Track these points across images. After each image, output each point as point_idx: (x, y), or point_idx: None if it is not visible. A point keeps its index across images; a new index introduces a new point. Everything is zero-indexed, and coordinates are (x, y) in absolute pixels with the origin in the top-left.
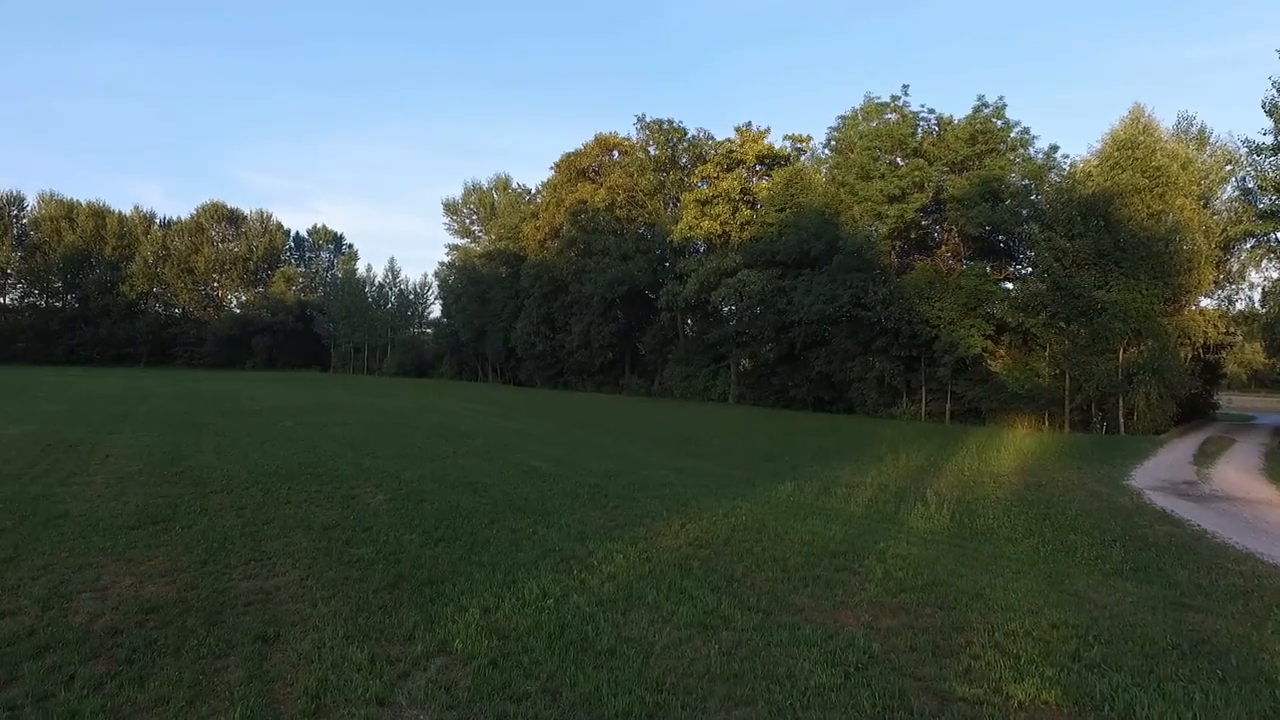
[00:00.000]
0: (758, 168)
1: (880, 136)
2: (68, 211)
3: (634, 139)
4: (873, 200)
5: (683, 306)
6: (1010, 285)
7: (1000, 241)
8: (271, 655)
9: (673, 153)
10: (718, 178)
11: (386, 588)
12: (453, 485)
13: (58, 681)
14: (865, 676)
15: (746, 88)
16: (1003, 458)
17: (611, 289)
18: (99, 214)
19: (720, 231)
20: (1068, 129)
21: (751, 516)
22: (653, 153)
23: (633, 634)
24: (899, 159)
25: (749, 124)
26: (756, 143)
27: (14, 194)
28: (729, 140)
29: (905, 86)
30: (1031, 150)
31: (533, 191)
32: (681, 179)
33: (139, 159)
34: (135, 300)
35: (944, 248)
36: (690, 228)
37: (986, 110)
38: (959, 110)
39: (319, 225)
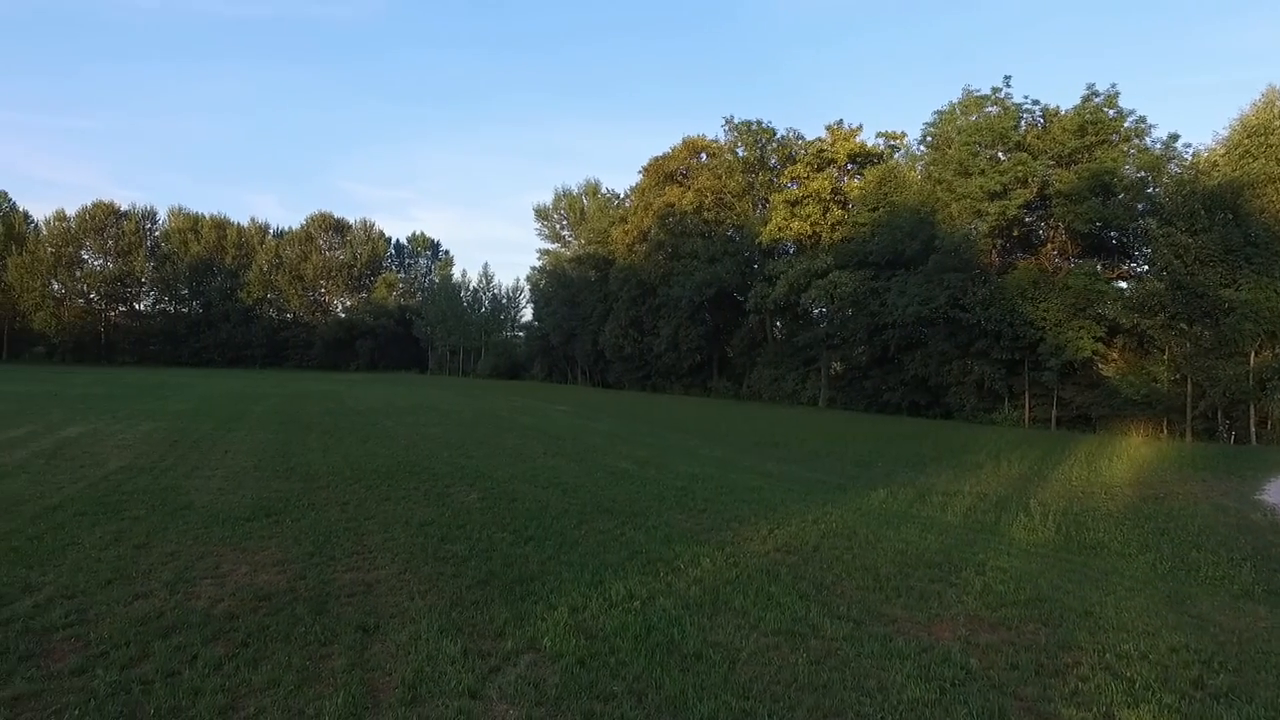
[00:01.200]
0: (849, 166)
1: (980, 130)
2: (193, 224)
3: (722, 141)
4: (972, 197)
5: (772, 309)
6: (1124, 285)
7: (1112, 238)
8: (371, 645)
9: (761, 153)
10: (808, 178)
11: (479, 584)
12: (543, 485)
13: (183, 660)
14: (962, 693)
15: (837, 85)
16: (1115, 467)
17: (699, 292)
18: (220, 226)
19: (810, 232)
20: (1188, 117)
21: (842, 523)
22: (741, 154)
23: (719, 639)
24: (1000, 153)
25: (840, 122)
26: (848, 141)
27: (148, 209)
28: (819, 139)
29: (1007, 78)
30: (1148, 140)
31: (621, 196)
32: (770, 180)
33: (256, 173)
34: (251, 306)
35: (1049, 246)
36: (779, 229)
37: (1097, 99)
38: (1066, 100)
39: (418, 233)
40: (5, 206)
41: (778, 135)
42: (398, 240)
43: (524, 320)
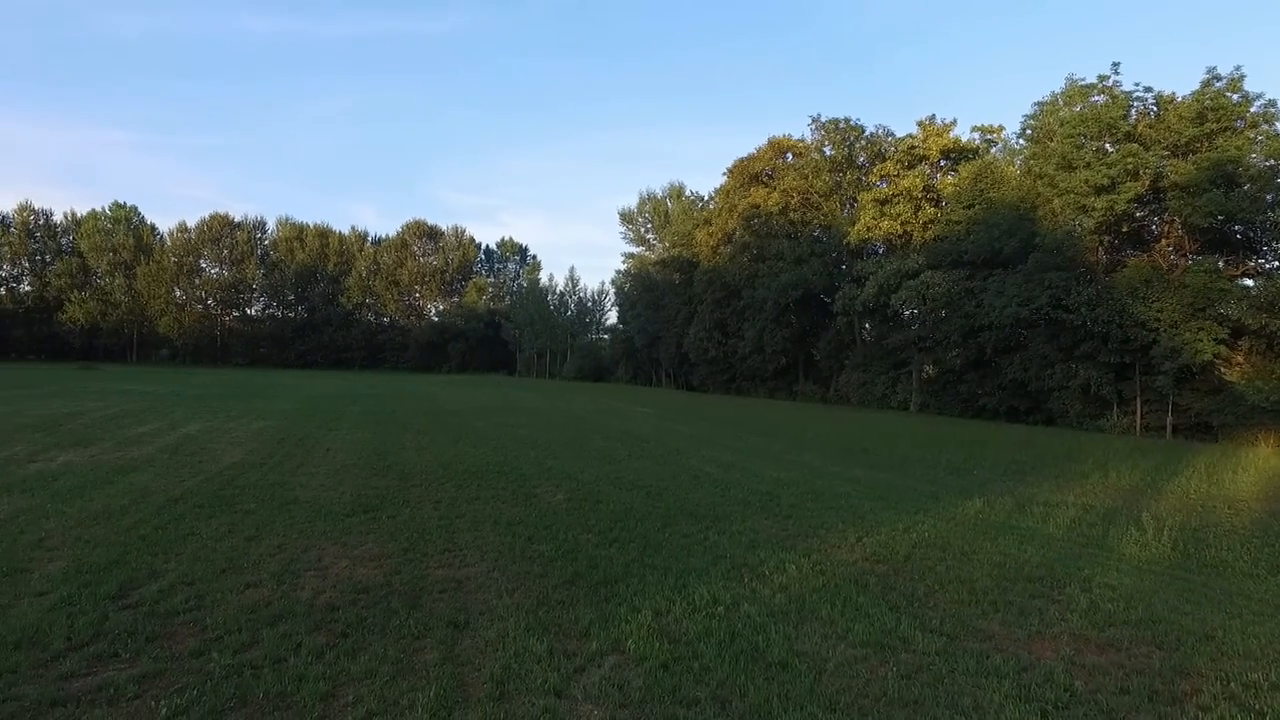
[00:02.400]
0: (942, 163)
1: (1085, 121)
2: (299, 233)
3: (808, 140)
4: (1076, 192)
5: (860, 310)
6: (1250, 282)
7: (1236, 232)
8: (462, 640)
9: (849, 152)
10: (898, 175)
11: (564, 584)
12: (627, 488)
13: (289, 648)
14: (1066, 716)
15: (929, 80)
16: (1241, 480)
17: (785, 294)
18: (323, 234)
19: (901, 231)
20: None
21: (935, 533)
22: (828, 153)
23: (805, 648)
24: (1108, 145)
25: (932, 117)
26: (941, 137)
27: (259, 219)
28: (910, 136)
29: (1115, 64)
30: (1279, 126)
31: (705, 198)
32: (859, 179)
33: (356, 183)
34: (351, 310)
35: (1164, 241)
36: (868, 229)
37: (1219, 83)
38: (1182, 86)
39: (506, 238)
40: (135, 220)
41: (866, 133)
42: (487, 246)
43: (609, 323)
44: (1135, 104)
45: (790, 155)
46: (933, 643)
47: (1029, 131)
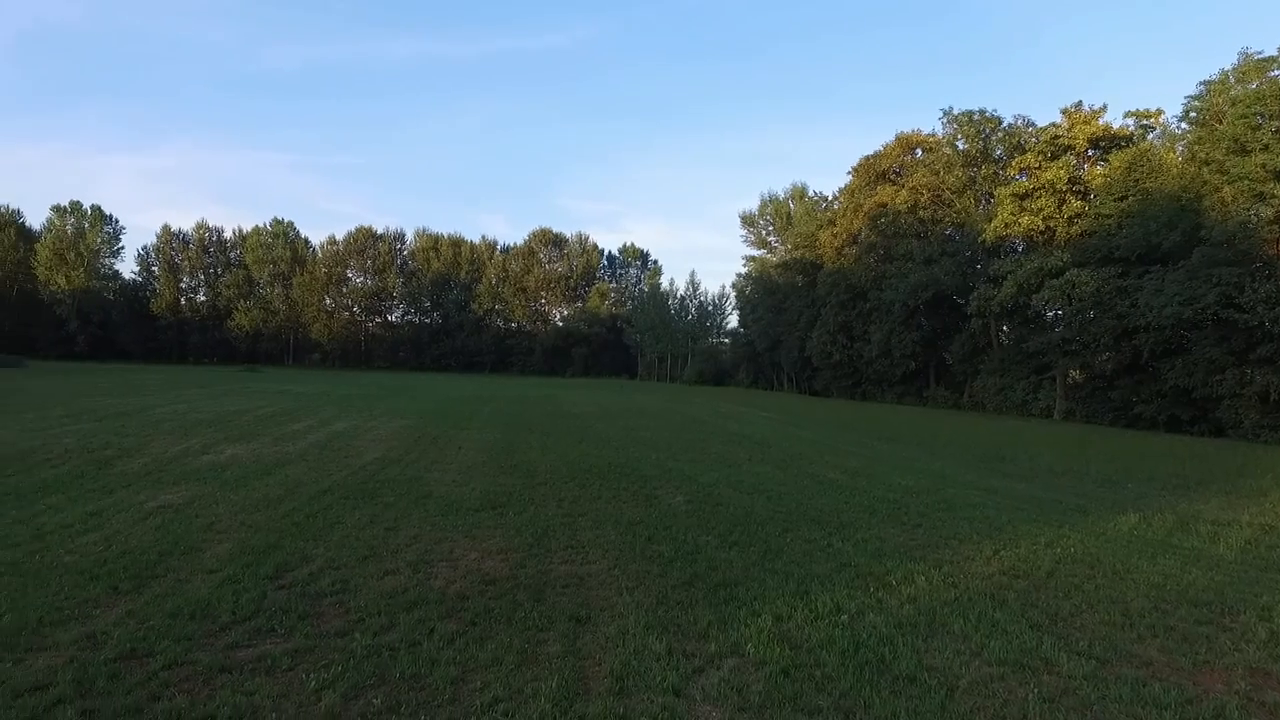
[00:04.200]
0: (1090, 153)
1: (1263, 99)
2: (434, 243)
3: (939, 134)
4: (1251, 178)
5: (997, 312)
6: None
7: None
8: (583, 635)
9: (985, 145)
10: (1039, 168)
11: (683, 585)
12: (748, 491)
13: (423, 633)
14: None
15: (1073, 66)
16: None
17: (914, 295)
18: (456, 244)
19: (1042, 227)
20: None
21: (1082, 549)
22: (961, 147)
23: (935, 663)
24: None
25: (1079, 104)
26: (1088, 124)
27: (398, 231)
28: (1053, 125)
29: None
30: None
31: (829, 198)
32: (995, 173)
33: (486, 194)
34: (482, 316)
35: None
36: (1006, 225)
37: None
38: None
39: (628, 244)
40: (292, 235)
41: (1004, 124)
42: (610, 251)
43: (729, 327)
44: None
45: (920, 151)
46: (1080, 666)
47: (1193, 114)
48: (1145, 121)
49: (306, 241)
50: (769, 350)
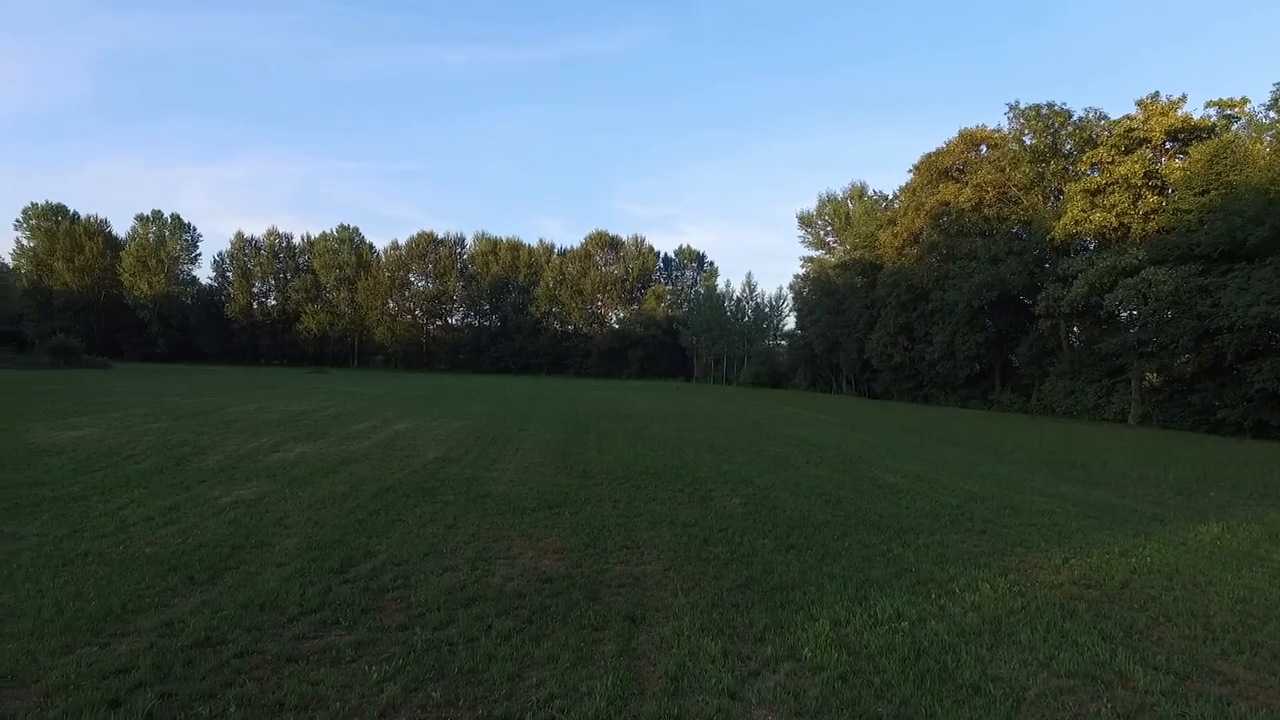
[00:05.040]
0: (1168, 145)
1: None
2: (493, 247)
3: (1005, 129)
4: None
5: (1067, 312)
6: None
7: None
8: (638, 635)
9: (1054, 140)
10: (1112, 162)
11: (739, 587)
12: (805, 495)
13: (480, 629)
14: None
15: (1149, 56)
16: None
17: (979, 295)
18: (515, 248)
19: (1115, 224)
20: None
21: (1159, 559)
22: (1028, 142)
23: (1001, 673)
24: None
25: (1155, 95)
26: (1166, 115)
27: (458, 236)
28: (1128, 118)
29: None
30: None
31: (889, 197)
32: (1065, 168)
33: (543, 198)
34: (539, 319)
35: None
36: (1076, 222)
37: None
38: None
39: (684, 246)
40: (356, 240)
41: (1074, 117)
42: (665, 254)
43: (786, 329)
44: None
45: (984, 147)
46: (1157, 681)
47: None
48: (1229, 111)
49: (370, 247)
50: (827, 352)
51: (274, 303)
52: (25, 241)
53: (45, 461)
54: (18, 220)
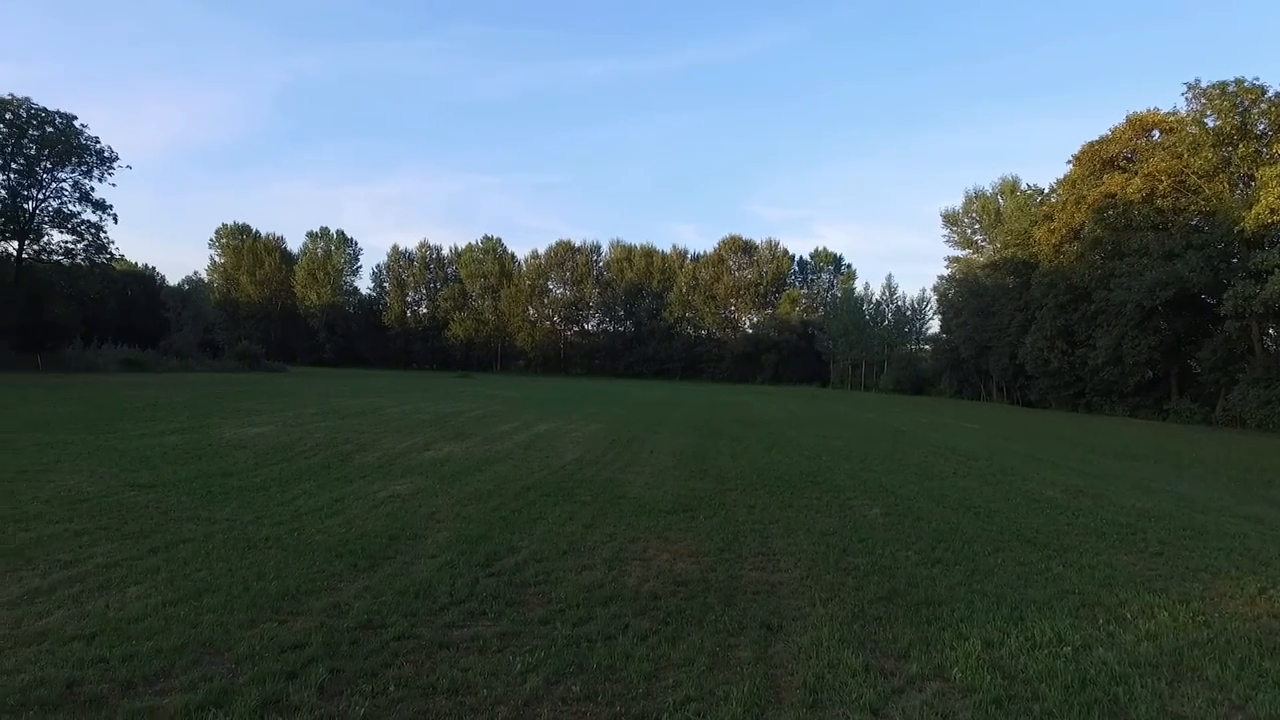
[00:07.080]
0: None
1: None
2: (628, 254)
3: (1182, 111)
4: None
5: (1260, 312)
6: None
7: None
8: (774, 643)
9: (1242, 120)
10: None
11: (881, 600)
12: (952, 506)
13: (617, 627)
14: None
15: None
16: None
17: (1151, 294)
18: (648, 254)
19: None
20: None
21: None
22: (1211, 124)
23: (1184, 711)
24: None
25: None
26: None
27: (594, 244)
28: None
29: None
30: None
31: (1045, 191)
32: (1257, 151)
33: (677, 205)
34: (672, 324)
35: None
36: (1272, 210)
37: None
38: None
39: (820, 248)
40: (499, 250)
41: (1268, 94)
42: (800, 257)
43: (930, 333)
44: None
45: (1157, 133)
46: None
47: None
48: None
49: (512, 256)
50: (975, 357)
51: (425, 311)
52: (217, 258)
53: (233, 455)
54: (211, 239)
